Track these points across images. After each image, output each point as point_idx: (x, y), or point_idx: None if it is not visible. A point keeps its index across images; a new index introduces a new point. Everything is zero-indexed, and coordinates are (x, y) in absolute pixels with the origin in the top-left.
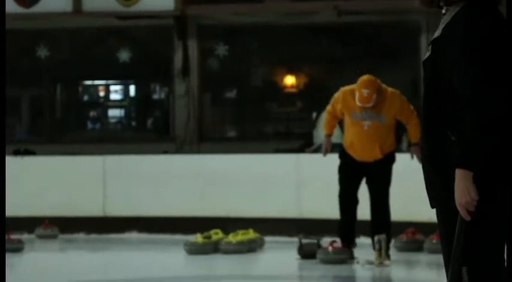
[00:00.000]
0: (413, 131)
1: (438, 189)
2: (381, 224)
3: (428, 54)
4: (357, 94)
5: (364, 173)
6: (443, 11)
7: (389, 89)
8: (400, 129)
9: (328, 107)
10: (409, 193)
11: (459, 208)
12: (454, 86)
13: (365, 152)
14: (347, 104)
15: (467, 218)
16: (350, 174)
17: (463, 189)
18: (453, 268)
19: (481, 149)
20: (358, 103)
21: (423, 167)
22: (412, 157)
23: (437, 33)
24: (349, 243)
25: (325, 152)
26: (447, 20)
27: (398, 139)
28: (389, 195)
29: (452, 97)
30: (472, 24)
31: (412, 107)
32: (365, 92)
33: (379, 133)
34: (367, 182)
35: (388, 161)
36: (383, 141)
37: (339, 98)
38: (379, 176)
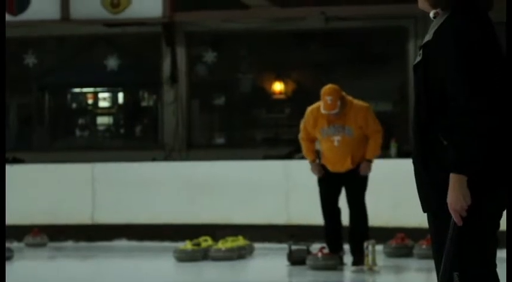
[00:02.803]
0: (371, 148)
1: (430, 194)
2: (357, 231)
3: (419, 58)
4: (322, 104)
5: (341, 183)
6: (432, 16)
7: (356, 102)
8: (387, 135)
9: (301, 134)
10: (398, 199)
11: (452, 213)
12: (447, 93)
13: (337, 165)
14: (315, 122)
15: (460, 223)
16: (328, 184)
17: (457, 194)
18: (444, 273)
19: (476, 154)
20: (323, 111)
21: (415, 172)
22: (359, 172)
23: (428, 38)
24: (335, 250)
25: (320, 174)
26: (438, 24)
27: (385, 146)
28: (365, 202)
29: (444, 102)
30: (462, 32)
31: (378, 126)
32: (328, 98)
33: (350, 147)
34: (345, 191)
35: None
36: (354, 153)
37: (308, 119)
38: (353, 185)
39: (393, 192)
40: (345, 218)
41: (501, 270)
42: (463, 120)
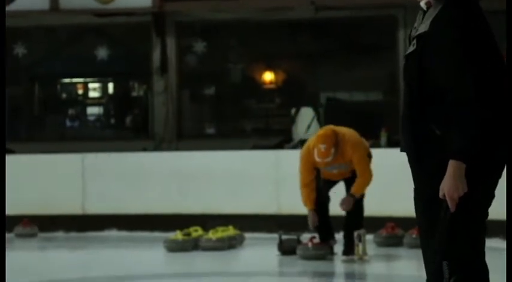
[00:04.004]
0: (358, 185)
1: (423, 184)
2: (353, 221)
3: (413, 48)
4: (315, 150)
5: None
6: (424, 6)
7: (347, 137)
8: (377, 124)
9: (301, 180)
10: (389, 188)
11: (448, 199)
12: (443, 83)
13: (337, 179)
14: (314, 166)
15: (453, 209)
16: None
17: (456, 181)
18: (434, 262)
19: (476, 143)
20: (317, 159)
21: (409, 162)
22: (341, 205)
23: (423, 28)
24: (326, 239)
25: (313, 225)
26: (432, 15)
27: (376, 135)
28: (364, 195)
29: (438, 93)
30: (460, 23)
31: (368, 169)
32: (322, 147)
33: (348, 172)
34: (345, 183)
35: None
36: (352, 171)
37: (305, 164)
38: (352, 179)
39: (383, 181)
40: (339, 209)
41: (501, 261)
42: (461, 110)
